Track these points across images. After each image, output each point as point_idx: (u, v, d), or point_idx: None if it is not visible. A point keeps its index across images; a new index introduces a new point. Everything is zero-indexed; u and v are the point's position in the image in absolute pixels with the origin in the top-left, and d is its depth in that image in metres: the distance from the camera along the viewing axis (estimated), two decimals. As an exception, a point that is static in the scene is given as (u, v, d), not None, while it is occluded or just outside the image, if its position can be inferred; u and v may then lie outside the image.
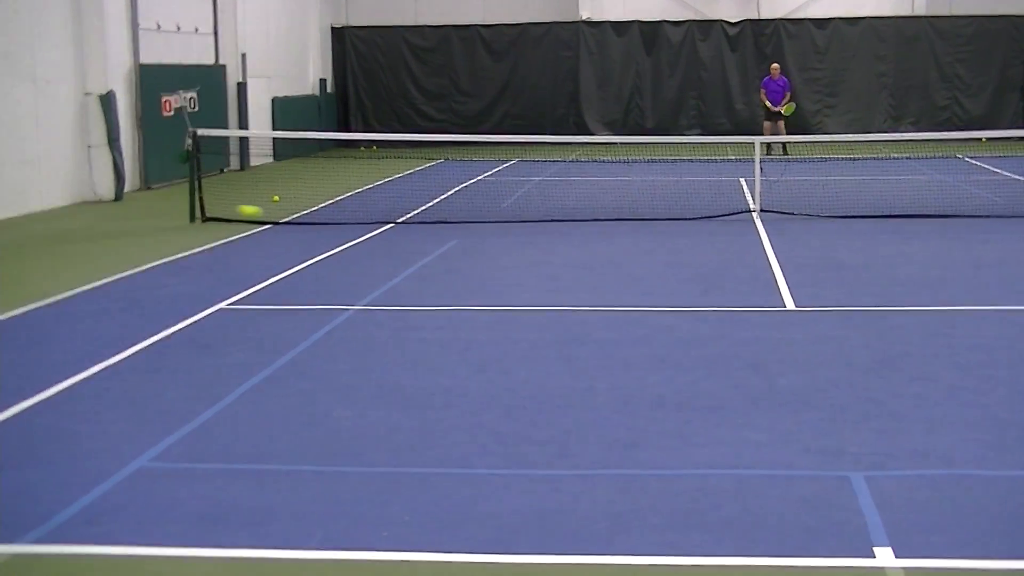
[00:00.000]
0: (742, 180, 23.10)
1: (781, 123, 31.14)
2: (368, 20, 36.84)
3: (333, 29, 36.61)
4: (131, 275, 14.42)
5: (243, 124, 29.34)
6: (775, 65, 32.15)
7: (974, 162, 27.42)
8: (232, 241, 17.12)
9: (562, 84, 36.33)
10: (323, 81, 35.75)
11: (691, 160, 27.24)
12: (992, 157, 27.85)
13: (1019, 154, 28.18)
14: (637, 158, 27.74)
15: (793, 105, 31.42)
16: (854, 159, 28.11)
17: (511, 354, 10.31)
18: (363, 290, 13.18)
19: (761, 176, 19.63)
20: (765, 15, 35.96)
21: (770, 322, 11.51)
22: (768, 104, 31.39)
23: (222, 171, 27.31)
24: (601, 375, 9.53)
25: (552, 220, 18.68)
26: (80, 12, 22.68)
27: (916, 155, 28.39)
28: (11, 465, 7.46)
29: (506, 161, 28.94)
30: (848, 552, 6.03)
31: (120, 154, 23.17)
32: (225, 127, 27.81)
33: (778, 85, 31.43)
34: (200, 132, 20.45)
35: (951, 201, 19.91)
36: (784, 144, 29.48)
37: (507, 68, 36.44)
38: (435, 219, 19.04)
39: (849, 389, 9.05)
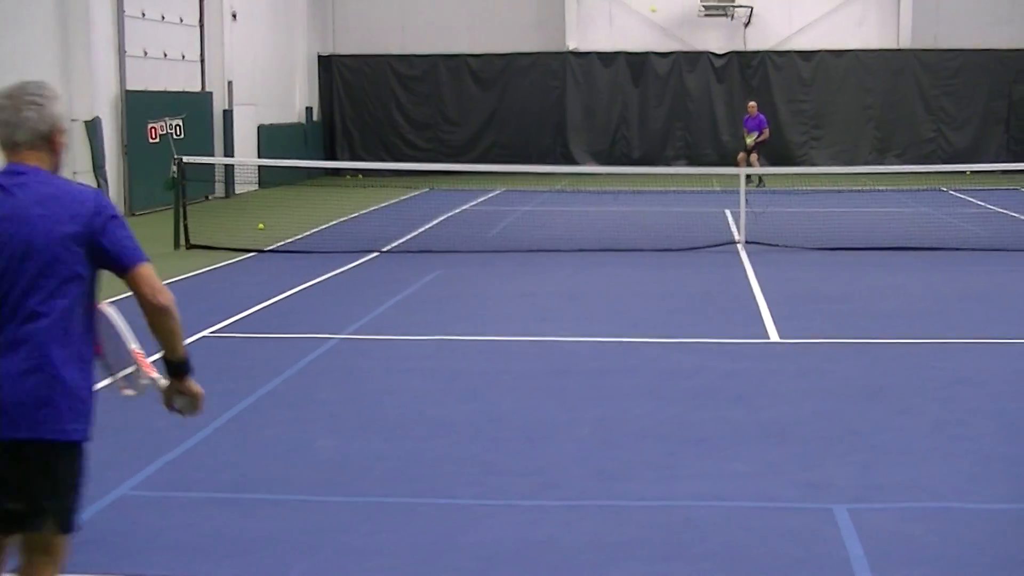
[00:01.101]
0: (727, 211, 23.15)
1: (753, 155, 31.38)
2: (355, 49, 36.91)
3: (320, 57, 36.68)
4: (114, 302, 14.34)
5: (229, 152, 29.36)
6: (752, 103, 32.44)
7: (959, 195, 27.53)
8: (217, 268, 17.09)
9: (549, 114, 36.42)
10: (309, 109, 35.81)
11: (677, 191, 27.31)
12: (977, 190, 27.98)
13: (1003, 187, 28.30)
14: (623, 189, 27.79)
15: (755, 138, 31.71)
16: (839, 191, 28.19)
17: (496, 384, 10.30)
18: (348, 319, 13.16)
19: (746, 208, 19.67)
20: (752, 47, 36.12)
21: (755, 354, 11.51)
22: (748, 141, 31.70)
23: (207, 198, 27.30)
24: (586, 406, 9.51)
25: (538, 250, 18.68)
26: (66, 38, 22.69)
27: (901, 188, 28.48)
28: (-8, 493, 7.41)
29: (492, 191, 28.98)
30: (832, 585, 6.01)
31: (105, 180, 23.15)
32: (211, 154, 27.82)
33: (754, 122, 31.71)
34: (186, 159, 20.46)
35: (936, 234, 19.97)
36: (760, 176, 29.65)
37: (494, 98, 36.53)
38: (421, 248, 19.04)
39: (833, 421, 9.04)
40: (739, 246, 18.85)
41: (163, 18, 26.82)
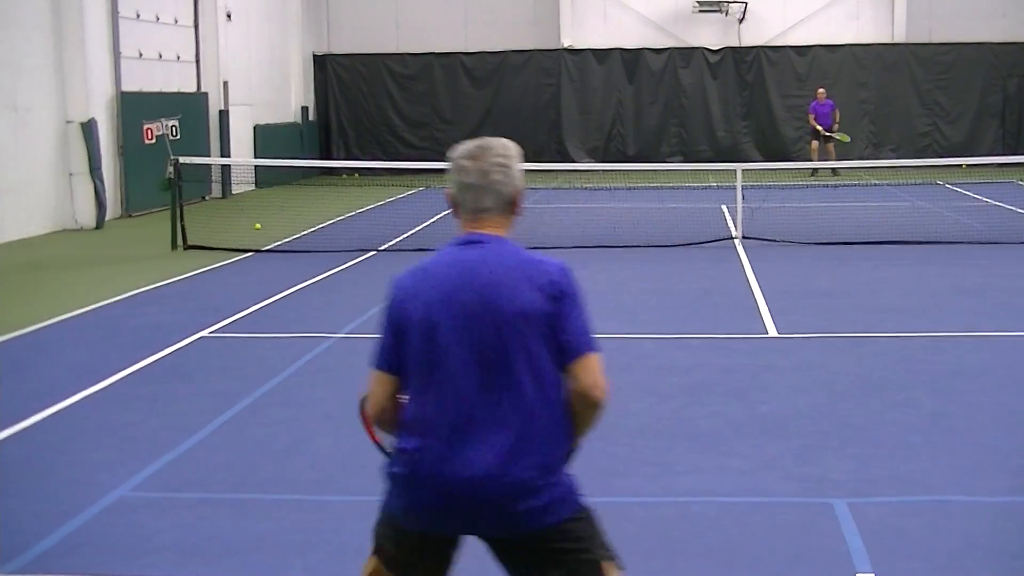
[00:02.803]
0: (724, 207, 23.14)
1: (830, 145, 32.34)
2: (350, 48, 36.88)
3: (315, 57, 36.64)
4: (112, 303, 14.36)
5: (225, 152, 29.32)
6: (821, 89, 33.10)
7: (955, 189, 27.53)
8: (213, 269, 17.08)
9: (543, 111, 36.38)
10: (305, 109, 35.78)
11: (673, 187, 27.29)
12: (972, 184, 27.97)
13: (999, 180, 28.30)
14: (619, 185, 27.78)
15: (847, 137, 32.47)
16: (835, 186, 28.20)
17: (493, 382, 10.27)
18: (344, 318, 13.14)
19: (743, 203, 19.66)
20: (746, 42, 36.09)
21: (752, 349, 11.51)
22: (818, 127, 32.49)
23: (204, 199, 27.27)
24: (583, 402, 9.49)
25: (534, 247, 18.59)
26: (61, 39, 22.66)
27: (897, 182, 28.49)
28: (-11, 495, 7.42)
29: (488, 188, 28.88)
30: (831, 579, 6.02)
31: (101, 182, 23.11)
32: (207, 155, 27.77)
33: (825, 108, 32.54)
34: (182, 160, 20.45)
35: (932, 228, 19.97)
36: (834, 168, 30.10)
37: (489, 96, 36.50)
38: (417, 247, 18.99)
39: (831, 416, 9.05)
40: (736, 241, 18.84)
41: (158, 19, 26.76)
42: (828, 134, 32.45)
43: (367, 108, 36.64)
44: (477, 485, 4.15)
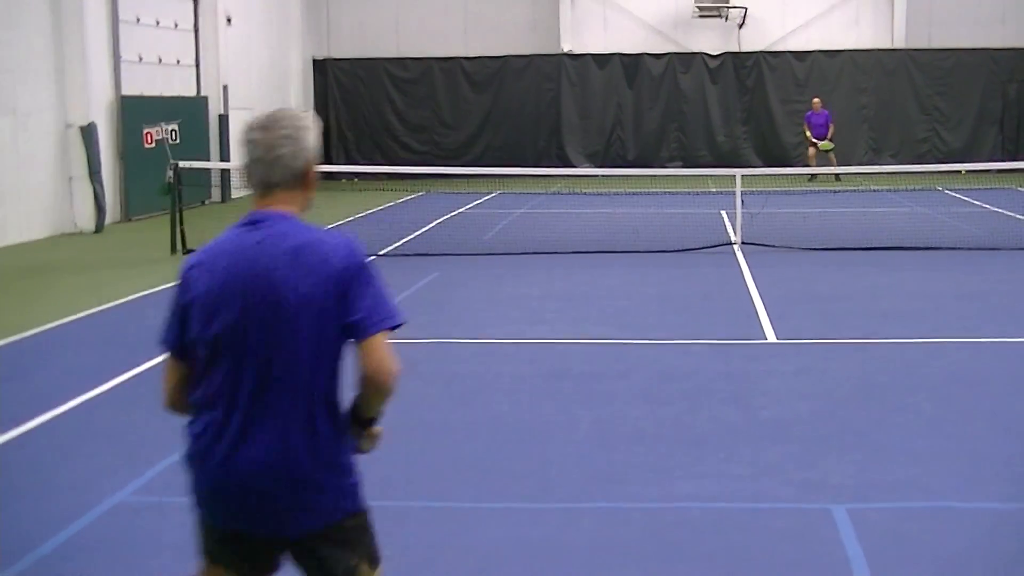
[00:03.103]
0: (723, 212, 23.15)
1: (831, 154, 32.55)
2: (350, 52, 36.91)
3: (315, 61, 36.66)
4: (111, 307, 14.37)
5: (224, 156, 29.32)
6: (816, 100, 33.34)
7: (954, 194, 27.54)
8: (213, 273, 17.04)
9: (544, 116, 36.40)
10: (305, 113, 35.76)
11: (672, 192, 27.30)
12: (972, 189, 27.98)
13: (998, 186, 28.33)
14: (618, 190, 27.79)
15: (831, 144, 32.58)
16: (834, 191, 28.20)
17: (493, 387, 10.30)
18: (345, 322, 13.11)
19: (742, 208, 19.67)
20: (746, 48, 36.12)
21: (751, 354, 11.52)
22: (810, 137, 32.94)
23: (203, 203, 27.26)
24: (583, 408, 9.52)
25: (534, 252, 18.67)
26: (62, 44, 22.68)
27: (896, 187, 28.50)
28: (-10, 499, 7.42)
29: (488, 193, 28.97)
30: (830, 585, 6.02)
31: (101, 186, 23.13)
32: (207, 159, 27.79)
33: (820, 118, 32.88)
34: (181, 164, 20.46)
35: (931, 233, 19.98)
36: (837, 174, 30.39)
37: (489, 100, 36.51)
38: (417, 251, 19.03)
39: (830, 421, 9.06)
40: (735, 247, 18.85)
41: (158, 23, 26.79)
42: (814, 142, 32.57)
43: (367, 112, 36.66)
44: (246, 476, 4.03)
